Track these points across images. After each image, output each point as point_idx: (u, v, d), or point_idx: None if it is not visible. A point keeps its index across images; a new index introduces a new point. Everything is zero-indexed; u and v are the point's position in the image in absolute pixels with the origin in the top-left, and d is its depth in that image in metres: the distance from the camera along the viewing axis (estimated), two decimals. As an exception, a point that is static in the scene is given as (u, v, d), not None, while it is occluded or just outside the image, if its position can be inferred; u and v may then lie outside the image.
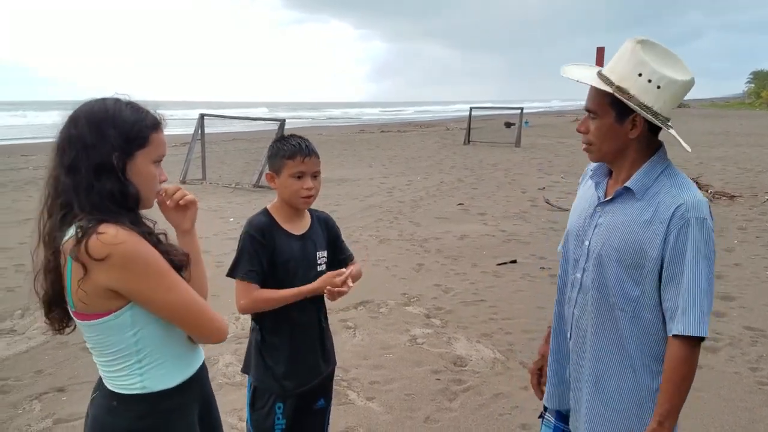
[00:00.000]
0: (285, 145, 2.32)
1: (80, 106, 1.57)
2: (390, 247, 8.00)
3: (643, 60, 1.71)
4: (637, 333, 1.80)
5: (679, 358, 1.71)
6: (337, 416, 3.69)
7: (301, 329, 2.38)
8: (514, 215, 10.10)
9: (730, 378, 4.17)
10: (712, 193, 11.35)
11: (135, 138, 1.55)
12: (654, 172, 1.79)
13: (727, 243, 8.00)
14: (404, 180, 14.32)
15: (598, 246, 1.84)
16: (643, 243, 1.74)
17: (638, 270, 1.76)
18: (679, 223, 1.70)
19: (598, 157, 1.87)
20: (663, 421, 1.72)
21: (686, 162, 16.38)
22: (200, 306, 1.59)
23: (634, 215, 1.77)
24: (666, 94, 1.73)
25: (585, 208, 1.95)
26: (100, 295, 1.47)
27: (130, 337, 1.54)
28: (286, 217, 2.38)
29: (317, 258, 2.44)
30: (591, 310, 1.87)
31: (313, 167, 2.33)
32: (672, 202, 1.72)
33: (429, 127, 38.65)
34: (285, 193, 2.33)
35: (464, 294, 6.05)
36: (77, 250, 1.43)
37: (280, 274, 2.31)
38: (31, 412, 3.77)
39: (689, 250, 1.68)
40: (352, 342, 4.85)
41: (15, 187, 12.85)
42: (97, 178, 1.50)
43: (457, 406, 3.84)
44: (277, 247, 2.31)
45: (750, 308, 5.52)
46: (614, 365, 1.84)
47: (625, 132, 1.77)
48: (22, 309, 5.49)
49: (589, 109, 1.81)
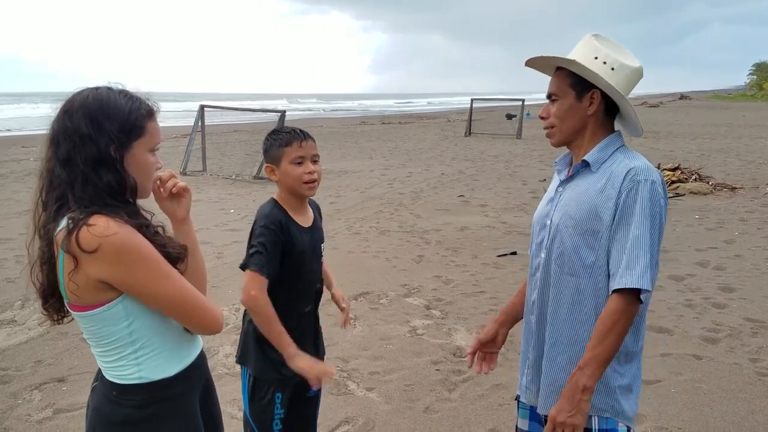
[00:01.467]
0: (280, 135, 2.31)
1: (72, 96, 1.54)
2: (390, 239, 7.99)
3: (598, 47, 1.90)
4: (593, 299, 1.87)
5: (610, 309, 1.77)
6: (337, 406, 3.70)
7: (303, 318, 2.39)
8: (514, 207, 10.09)
9: (730, 369, 4.17)
10: (713, 184, 11.33)
11: (132, 128, 1.53)
12: (609, 149, 1.92)
13: (728, 234, 7.99)
14: (405, 171, 14.31)
15: (557, 220, 1.95)
16: (598, 208, 1.84)
17: (593, 236, 1.85)
18: (629, 185, 1.81)
19: (559, 138, 1.98)
20: (583, 367, 1.77)
21: (688, 154, 16.36)
22: (194, 297, 1.56)
23: (589, 186, 1.89)
24: (619, 75, 1.88)
25: (549, 194, 2.08)
26: (92, 287, 1.46)
27: (125, 328, 1.53)
28: (293, 209, 2.34)
29: (321, 250, 2.45)
30: (552, 283, 1.94)
31: (311, 150, 2.31)
32: (623, 169, 1.84)
33: (430, 119, 38.61)
34: (288, 181, 2.29)
35: (464, 285, 6.05)
36: (68, 242, 1.41)
37: (292, 265, 2.29)
38: (31, 402, 3.78)
39: (637, 209, 1.78)
40: (352, 333, 4.85)
41: (16, 179, 12.86)
42: (95, 171, 1.48)
43: (457, 397, 3.84)
44: (292, 239, 2.28)
45: (750, 299, 5.51)
46: (569, 332, 1.91)
47: (584, 108, 1.91)
48: (22, 300, 5.49)
49: (552, 93, 1.96)
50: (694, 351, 4.46)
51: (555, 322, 1.94)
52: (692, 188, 10.95)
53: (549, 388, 1.95)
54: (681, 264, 6.58)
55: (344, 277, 6.26)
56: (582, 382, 1.75)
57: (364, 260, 6.98)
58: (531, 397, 2.05)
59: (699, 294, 5.68)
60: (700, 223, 8.69)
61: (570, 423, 1.76)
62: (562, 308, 1.92)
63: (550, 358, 1.95)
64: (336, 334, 4.80)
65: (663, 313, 5.13)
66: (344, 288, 2.34)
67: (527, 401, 2.07)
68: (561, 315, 1.93)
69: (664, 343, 4.56)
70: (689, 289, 5.84)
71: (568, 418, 1.76)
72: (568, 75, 1.91)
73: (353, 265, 6.74)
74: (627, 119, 1.99)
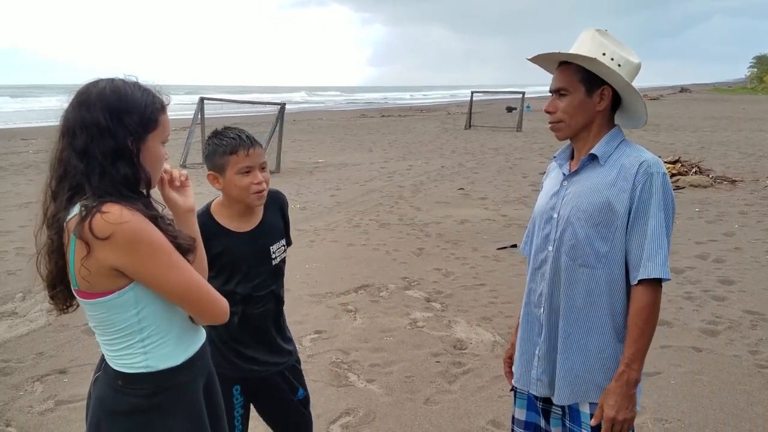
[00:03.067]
0: (224, 140, 2.15)
1: (87, 87, 1.54)
2: (390, 232, 8.00)
3: (605, 43, 1.92)
4: (608, 290, 1.90)
5: (644, 302, 1.85)
6: (338, 398, 3.72)
7: (253, 321, 2.28)
8: (514, 200, 10.09)
9: (729, 361, 4.18)
10: (713, 177, 11.33)
11: (148, 121, 1.54)
12: (614, 142, 1.96)
13: (727, 227, 8.00)
14: (405, 164, 14.30)
15: (566, 213, 1.96)
16: (611, 201, 1.87)
17: (607, 227, 1.88)
18: (643, 178, 1.85)
19: (567, 133, 1.99)
20: (630, 363, 1.83)
21: (688, 147, 16.35)
22: (203, 286, 1.59)
23: (599, 179, 1.92)
24: (624, 72, 1.90)
25: (551, 188, 2.08)
26: (104, 274, 1.47)
27: (133, 315, 1.54)
28: (232, 215, 2.23)
29: (271, 252, 2.32)
30: (563, 276, 1.96)
31: (258, 159, 2.17)
32: (635, 162, 1.88)
33: (430, 112, 38.55)
34: (233, 191, 2.16)
35: (464, 278, 6.05)
36: (81, 229, 1.42)
37: (226, 274, 2.20)
38: (33, 394, 3.80)
39: (653, 201, 1.84)
40: (353, 325, 4.86)
41: (15, 171, 12.85)
42: (113, 164, 1.49)
43: (457, 388, 3.86)
44: (215, 249, 2.14)
45: (750, 292, 5.52)
46: (585, 322, 1.93)
47: (594, 104, 1.93)
48: (24, 292, 5.50)
49: (560, 88, 1.96)
50: (693, 343, 4.47)
51: (570, 314, 1.95)
52: (692, 181, 10.95)
53: (567, 379, 1.96)
54: (681, 256, 6.59)
55: (344, 270, 6.28)
56: (633, 377, 1.83)
57: (365, 253, 6.99)
58: (543, 389, 2.05)
59: (699, 286, 5.69)
60: (700, 215, 8.70)
61: (630, 418, 1.84)
62: (577, 299, 1.93)
63: (565, 349, 1.96)
64: (336, 327, 4.81)
65: (663, 306, 5.06)
66: (344, 280, 2.33)
67: (539, 393, 2.07)
68: (576, 306, 1.93)
69: (664, 335, 4.57)
70: (689, 281, 5.85)
71: (627, 414, 1.83)
72: (577, 70, 1.92)
73: (353, 258, 6.75)
74: (632, 112, 2.00)
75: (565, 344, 1.96)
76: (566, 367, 1.96)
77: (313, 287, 5.73)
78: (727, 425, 3.42)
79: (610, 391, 1.85)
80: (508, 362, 2.29)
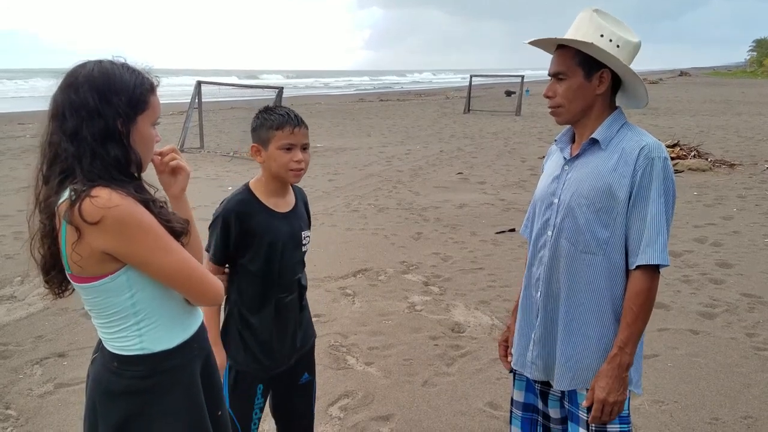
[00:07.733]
0: (272, 116, 2.19)
1: (75, 69, 1.52)
2: (389, 216, 8.00)
3: (602, 24, 1.89)
4: (608, 275, 1.89)
5: (641, 287, 1.84)
6: (336, 380, 3.73)
7: (283, 309, 2.31)
8: (513, 184, 10.08)
9: (726, 343, 4.21)
10: (712, 161, 11.32)
11: (137, 102, 1.53)
12: (615, 125, 1.93)
13: (726, 211, 8.00)
14: (403, 149, 14.27)
15: (567, 197, 1.94)
16: (612, 186, 1.85)
17: (608, 213, 1.87)
18: (644, 162, 1.83)
19: (567, 117, 1.98)
20: (623, 347, 1.84)
21: (687, 131, 16.31)
22: (196, 268, 1.58)
23: (600, 163, 1.90)
24: (623, 53, 1.88)
25: (552, 172, 2.06)
26: (95, 258, 1.46)
27: (127, 299, 1.53)
28: (270, 193, 2.25)
29: (302, 237, 2.34)
30: (563, 260, 1.95)
31: (302, 139, 2.20)
32: (635, 146, 1.86)
33: (429, 96, 38.39)
34: (273, 166, 2.18)
35: (463, 262, 6.06)
36: (71, 213, 1.41)
37: (266, 254, 2.21)
38: (32, 377, 3.81)
39: (654, 187, 1.82)
40: (351, 309, 4.87)
41: (12, 155, 12.79)
42: (103, 145, 1.48)
43: (455, 371, 3.87)
44: (259, 227, 2.18)
45: (747, 275, 5.54)
46: (586, 309, 1.93)
47: (593, 88, 1.91)
48: (22, 276, 5.50)
49: (558, 72, 1.93)
50: (691, 326, 4.49)
51: (570, 299, 1.94)
52: (691, 165, 10.94)
53: (566, 364, 1.95)
54: (679, 240, 6.60)
55: (343, 254, 6.28)
56: (625, 361, 1.84)
57: (363, 237, 6.99)
58: (537, 373, 2.06)
59: (696, 270, 5.71)
60: (699, 199, 8.70)
61: (620, 400, 1.84)
62: (578, 285, 1.92)
63: (566, 335, 1.95)
64: (335, 310, 4.82)
65: (660, 289, 5.08)
66: (343, 264, 2.33)
67: (533, 376, 2.08)
68: (577, 292, 1.92)
69: (662, 318, 4.58)
70: (687, 264, 5.86)
71: (618, 396, 1.84)
72: (575, 54, 1.89)
73: (352, 242, 6.75)
74: (633, 92, 1.98)
75: (566, 331, 1.95)
76: (567, 353, 1.95)
77: (311, 271, 5.68)
78: (723, 407, 3.44)
79: (602, 373, 1.85)
80: (504, 345, 2.29)
